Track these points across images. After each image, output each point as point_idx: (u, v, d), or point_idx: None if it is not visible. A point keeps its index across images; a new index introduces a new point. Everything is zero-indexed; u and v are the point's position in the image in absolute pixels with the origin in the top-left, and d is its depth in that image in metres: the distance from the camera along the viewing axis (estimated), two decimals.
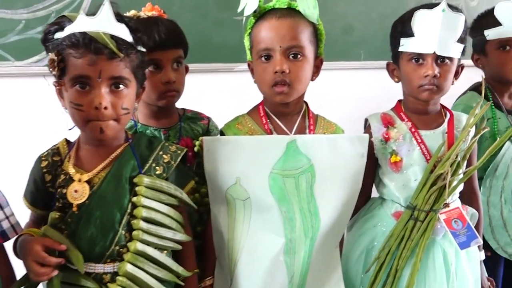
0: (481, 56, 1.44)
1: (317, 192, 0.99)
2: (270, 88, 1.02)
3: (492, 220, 1.36)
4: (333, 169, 1.00)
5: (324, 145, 1.00)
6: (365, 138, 1.03)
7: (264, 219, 0.99)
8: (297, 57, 1.02)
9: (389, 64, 1.22)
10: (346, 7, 2.13)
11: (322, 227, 1.01)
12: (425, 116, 1.20)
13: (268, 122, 1.05)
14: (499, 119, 1.40)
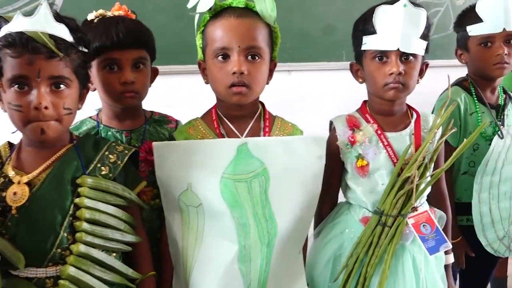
0: (464, 52, 1.42)
1: (272, 197, 0.96)
2: (226, 89, 0.99)
3: (483, 217, 1.35)
4: (289, 172, 0.97)
5: (278, 148, 0.98)
6: (322, 139, 1.01)
7: (217, 225, 0.97)
8: (255, 58, 1.00)
9: (353, 65, 1.20)
10: (326, 7, 2.10)
11: (279, 232, 0.98)
12: (391, 117, 1.17)
13: (220, 126, 1.02)
14: (483, 113, 1.39)
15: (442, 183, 1.23)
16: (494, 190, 1.33)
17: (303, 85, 2.15)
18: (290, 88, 2.12)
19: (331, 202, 1.22)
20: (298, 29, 2.05)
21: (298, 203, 0.99)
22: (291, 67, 2.09)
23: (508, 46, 1.33)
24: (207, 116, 1.06)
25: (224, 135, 1.01)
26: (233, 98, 0.99)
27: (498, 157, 1.32)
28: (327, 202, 1.22)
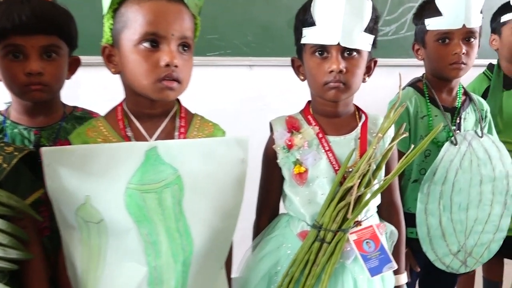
0: (421, 47, 1.32)
1: (187, 208, 0.85)
2: (154, 83, 0.85)
3: (430, 230, 1.25)
4: (207, 179, 0.86)
5: (194, 151, 0.86)
6: (245, 141, 0.90)
7: (123, 244, 0.85)
8: (186, 51, 0.88)
9: (294, 60, 1.09)
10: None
11: (196, 248, 0.87)
12: (335, 120, 1.07)
13: (127, 127, 0.89)
14: (436, 116, 1.29)
15: (394, 194, 1.15)
16: (445, 200, 1.25)
17: (265, 81, 2.04)
18: (252, 84, 2.01)
19: (270, 213, 1.13)
20: (260, 21, 1.95)
21: (218, 214, 0.89)
22: (253, 61, 1.99)
23: (467, 45, 1.23)
24: (111, 115, 0.93)
25: (131, 137, 0.89)
26: (163, 93, 0.86)
27: (449, 165, 1.24)
28: (265, 213, 1.12)
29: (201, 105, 1.92)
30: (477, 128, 1.31)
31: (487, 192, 1.31)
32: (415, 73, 2.22)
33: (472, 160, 1.27)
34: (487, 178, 1.30)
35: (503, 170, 1.33)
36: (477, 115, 1.32)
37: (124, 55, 0.86)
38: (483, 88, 1.64)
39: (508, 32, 1.59)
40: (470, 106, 1.33)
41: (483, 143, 1.30)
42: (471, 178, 1.27)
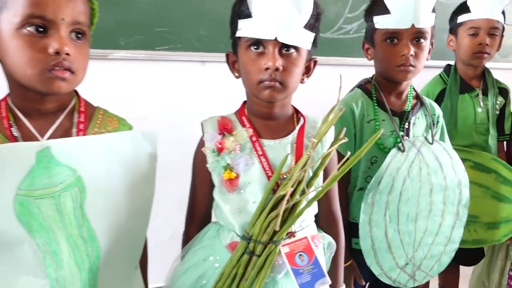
0: (370, 46, 1.28)
1: (90, 211, 0.78)
2: (42, 73, 0.76)
3: (375, 242, 1.21)
4: (111, 177, 0.80)
5: (95, 149, 0.80)
6: (153, 134, 0.85)
7: (15, 258, 0.77)
8: (80, 39, 0.81)
9: (229, 55, 1.03)
10: None
11: (103, 252, 0.80)
12: (271, 122, 1.02)
13: (12, 126, 0.79)
14: (383, 121, 1.26)
15: (332, 203, 1.10)
16: (392, 211, 1.21)
17: (219, 78, 1.94)
18: (204, 80, 1.92)
19: (200, 221, 1.07)
20: (215, 14, 1.86)
21: (127, 213, 0.83)
22: (206, 57, 1.91)
23: (416, 46, 1.20)
24: None
25: (18, 138, 0.80)
26: (53, 85, 0.77)
27: (396, 173, 1.21)
28: (194, 221, 1.06)
29: (150, 102, 1.86)
30: (427, 134, 1.27)
31: (438, 202, 1.28)
32: None
33: (421, 168, 1.24)
34: (438, 187, 1.26)
35: (455, 179, 1.30)
36: (428, 120, 1.29)
37: (3, 40, 0.77)
38: (437, 91, 1.62)
39: (464, 34, 1.58)
40: (421, 110, 1.30)
41: (433, 150, 1.26)
42: (421, 187, 1.23)
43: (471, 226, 1.56)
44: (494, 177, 1.55)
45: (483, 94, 1.61)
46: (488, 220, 1.57)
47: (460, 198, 1.32)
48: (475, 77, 1.63)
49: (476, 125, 1.60)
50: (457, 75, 1.62)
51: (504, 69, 1.81)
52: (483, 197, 1.56)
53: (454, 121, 1.57)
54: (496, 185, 1.55)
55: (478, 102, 1.60)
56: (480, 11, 1.53)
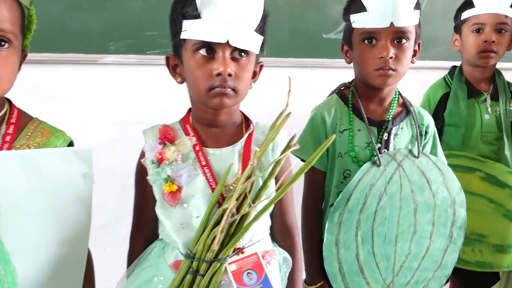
0: (349, 48, 1.19)
1: (3, 232, 0.75)
2: None
3: (343, 265, 1.12)
4: (32, 197, 0.77)
5: (14, 165, 0.77)
6: (87, 152, 0.81)
7: None
8: (3, 46, 0.79)
9: (169, 58, 0.97)
10: None
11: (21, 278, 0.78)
12: (218, 130, 0.98)
13: None
14: (359, 131, 1.16)
15: (287, 215, 1.04)
16: (364, 231, 1.11)
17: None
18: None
19: (145, 239, 1.03)
20: None
21: (55, 238, 0.80)
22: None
23: (397, 47, 1.09)
24: None
25: None
26: None
27: (369, 190, 1.11)
28: (139, 238, 1.03)
29: (142, 107, 1.83)
30: (413, 147, 1.14)
31: (425, 223, 1.17)
32: None
33: (402, 184, 1.13)
34: (424, 206, 1.16)
35: (448, 197, 1.18)
36: (414, 131, 1.17)
37: None
38: (438, 96, 1.50)
39: (468, 31, 1.45)
40: (406, 119, 1.19)
41: (419, 165, 1.16)
42: (401, 206, 1.13)
43: (476, 245, 1.43)
44: (509, 193, 1.41)
45: (492, 99, 1.47)
46: (497, 242, 1.44)
47: (454, 219, 1.20)
48: (483, 80, 1.49)
49: (482, 133, 1.46)
50: (462, 78, 1.49)
51: None
52: (493, 214, 1.42)
53: (461, 129, 1.43)
54: (510, 203, 1.40)
55: (486, 108, 1.47)
56: (485, 6, 1.40)
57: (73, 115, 1.72)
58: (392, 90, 1.17)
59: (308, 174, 1.18)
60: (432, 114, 1.49)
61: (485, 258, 1.43)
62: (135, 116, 1.77)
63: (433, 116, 1.48)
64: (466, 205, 1.35)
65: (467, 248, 1.42)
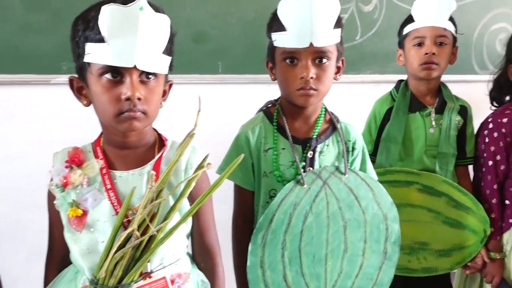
0: (273, 65, 1.16)
1: None
2: None
3: (270, 287, 1.09)
4: None
5: None
6: None
7: None
8: None
9: (73, 81, 0.94)
10: (196, 10, 1.85)
11: None
12: (128, 151, 0.96)
13: None
14: (283, 149, 1.14)
15: (207, 235, 1.03)
16: (291, 252, 1.08)
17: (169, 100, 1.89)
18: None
19: (59, 263, 1.01)
20: None
21: None
22: None
23: (318, 67, 1.07)
24: None
25: None
26: None
27: (294, 210, 1.08)
28: (53, 262, 1.03)
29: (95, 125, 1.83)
30: (340, 163, 1.13)
31: (356, 240, 1.15)
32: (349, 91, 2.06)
33: (329, 202, 1.12)
34: (354, 223, 1.14)
35: (379, 213, 1.17)
36: (341, 147, 1.15)
37: None
38: (384, 110, 1.49)
39: (410, 45, 1.44)
40: (332, 136, 1.17)
41: (347, 182, 1.13)
42: (329, 224, 1.11)
43: (420, 253, 1.44)
44: (445, 201, 1.41)
45: (437, 112, 1.46)
46: (439, 247, 1.44)
47: (387, 235, 1.17)
48: (428, 93, 1.47)
49: (426, 147, 1.44)
50: (407, 92, 1.47)
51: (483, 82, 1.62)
52: (433, 222, 1.43)
53: (402, 143, 1.42)
54: (448, 210, 1.41)
55: (430, 122, 1.45)
56: (424, 19, 1.40)
57: (28, 134, 1.74)
58: (318, 107, 1.15)
59: (236, 195, 1.18)
60: (378, 128, 1.49)
61: (430, 263, 1.44)
62: (88, 135, 1.78)
63: (378, 130, 1.50)
64: (407, 217, 1.40)
65: (412, 257, 1.44)
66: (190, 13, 1.85)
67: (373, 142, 1.50)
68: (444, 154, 1.43)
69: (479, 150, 1.49)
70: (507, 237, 1.42)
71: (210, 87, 1.94)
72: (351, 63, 2.17)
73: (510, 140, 1.40)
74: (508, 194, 1.42)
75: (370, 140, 1.50)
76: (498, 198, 1.43)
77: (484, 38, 2.28)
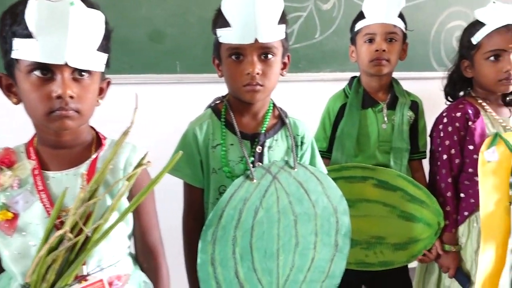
0: (219, 62, 1.14)
1: None
2: None
3: (221, 284, 1.07)
4: None
5: None
6: None
7: None
8: None
9: (1, 77, 0.89)
10: (152, 9, 1.82)
11: None
12: (63, 151, 0.92)
13: None
14: (231, 145, 1.12)
15: (149, 234, 1.01)
16: (242, 248, 1.07)
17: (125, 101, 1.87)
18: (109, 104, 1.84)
19: None
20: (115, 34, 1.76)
21: None
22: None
23: (264, 63, 1.06)
24: None
25: None
26: None
27: (244, 205, 1.07)
28: None
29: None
30: (289, 158, 1.13)
31: (307, 234, 1.14)
32: (307, 89, 2.08)
33: (279, 197, 1.11)
34: (305, 216, 1.13)
35: (329, 206, 1.17)
36: (290, 142, 1.15)
37: None
38: (337, 107, 1.49)
39: (361, 41, 1.45)
40: (281, 131, 1.16)
41: (296, 176, 1.13)
42: (280, 218, 1.10)
43: (377, 248, 1.45)
44: (400, 195, 1.42)
45: (389, 108, 1.47)
46: (395, 241, 1.45)
47: (338, 228, 1.17)
48: (380, 89, 1.48)
49: (379, 143, 1.45)
50: (360, 88, 1.48)
51: None
52: (389, 216, 1.43)
53: (355, 140, 1.44)
54: (403, 204, 1.42)
55: (383, 118, 1.46)
56: (374, 16, 1.41)
57: None
58: (266, 103, 1.14)
59: (186, 193, 1.15)
60: (332, 125, 1.49)
61: (387, 257, 1.44)
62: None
63: (333, 127, 1.50)
64: (364, 212, 1.41)
65: (369, 251, 1.44)
66: (146, 12, 1.84)
67: (328, 139, 1.50)
68: (398, 149, 1.44)
69: (434, 145, 1.50)
70: (462, 229, 1.44)
71: (168, 87, 1.92)
72: (311, 61, 2.22)
73: (464, 134, 1.42)
74: (463, 188, 1.44)
75: (325, 137, 1.50)
76: (453, 191, 1.44)
77: (441, 35, 2.34)
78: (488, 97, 1.45)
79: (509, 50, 1.34)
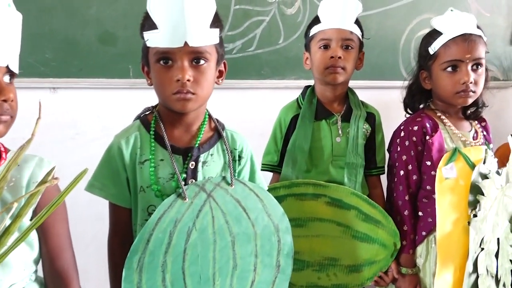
0: (148, 68, 1.08)
1: None
2: None
3: None
4: None
5: None
6: None
7: None
8: None
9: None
10: (103, 9, 1.74)
11: None
12: None
13: None
14: (161, 161, 1.04)
15: (59, 259, 0.95)
16: (174, 274, 0.99)
17: (75, 106, 1.80)
18: (57, 109, 1.76)
19: None
20: (62, 35, 1.70)
21: None
22: (56, 83, 1.74)
23: (195, 69, 1.00)
24: None
25: None
26: None
27: (174, 227, 1.00)
28: None
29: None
30: (226, 174, 1.06)
31: (246, 255, 1.09)
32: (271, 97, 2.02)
33: (214, 216, 1.04)
34: (243, 237, 1.08)
35: (270, 225, 1.12)
36: (227, 157, 1.08)
37: None
38: (288, 118, 1.44)
39: (316, 48, 1.40)
40: (217, 145, 1.10)
41: (233, 194, 1.07)
42: (216, 240, 1.04)
43: (330, 270, 1.39)
44: (355, 214, 1.37)
45: (344, 120, 1.42)
46: (349, 263, 1.40)
47: (280, 247, 1.12)
48: (335, 100, 1.44)
49: (333, 157, 1.40)
50: (314, 99, 1.43)
51: None
52: (342, 237, 1.38)
53: (307, 154, 1.38)
54: (357, 223, 1.38)
55: (337, 130, 1.41)
56: (330, 21, 1.36)
57: None
58: (200, 114, 1.08)
59: (111, 213, 1.08)
60: (284, 137, 1.44)
61: (340, 280, 1.40)
62: None
63: (284, 139, 1.44)
64: (316, 232, 1.36)
65: (322, 274, 1.39)
66: (96, 12, 1.75)
67: (279, 152, 1.44)
68: (352, 164, 1.39)
69: (391, 159, 1.47)
70: (420, 250, 1.40)
71: (120, 92, 1.85)
72: (274, 67, 2.16)
73: (421, 148, 1.38)
74: (421, 206, 1.40)
75: (276, 150, 1.45)
76: (410, 209, 1.40)
77: (411, 43, 2.29)
78: (448, 110, 1.42)
79: (466, 60, 1.31)
